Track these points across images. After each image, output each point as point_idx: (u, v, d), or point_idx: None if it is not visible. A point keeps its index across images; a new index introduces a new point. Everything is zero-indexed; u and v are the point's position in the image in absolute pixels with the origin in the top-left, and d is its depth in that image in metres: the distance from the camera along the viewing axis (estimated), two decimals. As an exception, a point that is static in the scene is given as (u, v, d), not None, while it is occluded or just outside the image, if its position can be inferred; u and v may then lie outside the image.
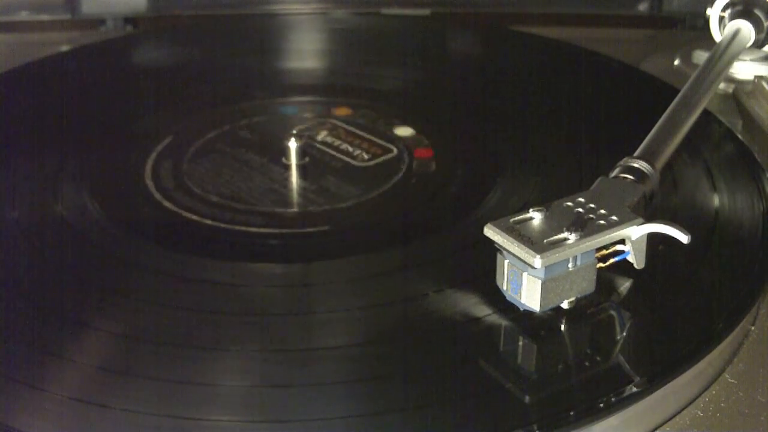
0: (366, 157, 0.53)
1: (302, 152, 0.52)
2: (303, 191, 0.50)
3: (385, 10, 0.74)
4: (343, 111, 0.58)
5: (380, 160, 0.52)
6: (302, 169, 0.51)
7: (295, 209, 0.49)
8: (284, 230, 0.47)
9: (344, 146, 0.54)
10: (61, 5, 0.73)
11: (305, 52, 0.68)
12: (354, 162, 0.52)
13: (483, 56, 0.68)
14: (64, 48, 0.69)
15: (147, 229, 0.47)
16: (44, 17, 0.73)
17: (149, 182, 0.50)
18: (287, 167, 0.52)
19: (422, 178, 0.51)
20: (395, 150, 0.53)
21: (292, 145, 0.52)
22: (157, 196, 0.49)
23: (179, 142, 0.54)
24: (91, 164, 0.52)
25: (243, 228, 0.47)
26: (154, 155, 0.53)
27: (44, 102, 0.59)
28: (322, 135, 0.55)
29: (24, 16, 0.73)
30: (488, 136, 0.55)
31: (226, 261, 0.44)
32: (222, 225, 0.47)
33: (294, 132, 0.52)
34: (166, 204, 0.49)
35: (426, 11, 0.74)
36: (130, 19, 0.75)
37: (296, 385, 0.36)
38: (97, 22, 0.75)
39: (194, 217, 0.47)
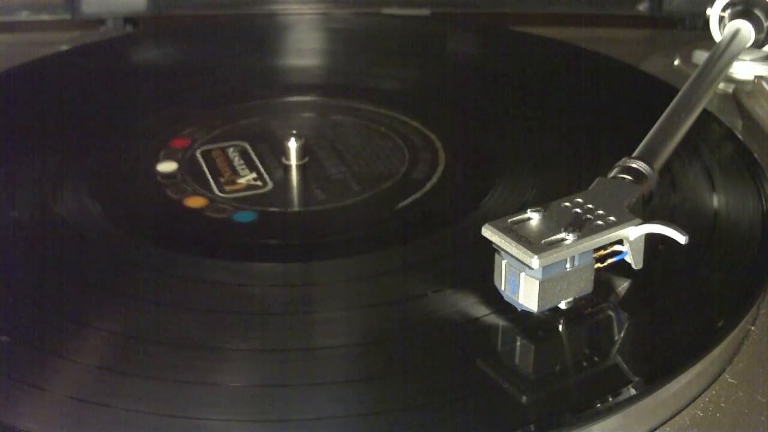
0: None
1: (302, 152, 0.52)
2: (303, 191, 0.50)
3: (385, 10, 0.74)
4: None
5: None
6: (302, 169, 0.51)
7: (295, 209, 0.49)
8: (284, 230, 0.47)
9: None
10: (61, 5, 0.73)
11: (305, 52, 0.68)
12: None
13: (483, 56, 0.68)
14: (64, 48, 0.69)
15: (147, 229, 0.47)
16: (44, 17, 0.73)
17: (149, 182, 0.51)
18: (287, 167, 0.52)
19: (422, 178, 0.51)
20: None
21: (292, 145, 0.52)
22: (157, 196, 0.49)
23: (179, 141, 0.54)
24: (91, 164, 0.52)
25: (243, 228, 0.47)
26: (153, 155, 0.53)
27: (44, 102, 0.59)
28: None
29: (24, 16, 0.73)
30: (488, 136, 0.55)
31: (226, 261, 0.44)
32: (222, 225, 0.47)
33: (294, 132, 0.52)
34: (166, 204, 0.49)
35: (426, 11, 0.74)
36: (130, 19, 0.75)
37: (296, 385, 0.36)
38: (97, 22, 0.75)
39: (194, 217, 0.48)
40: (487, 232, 0.37)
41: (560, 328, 0.38)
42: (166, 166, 0.52)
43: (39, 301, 0.41)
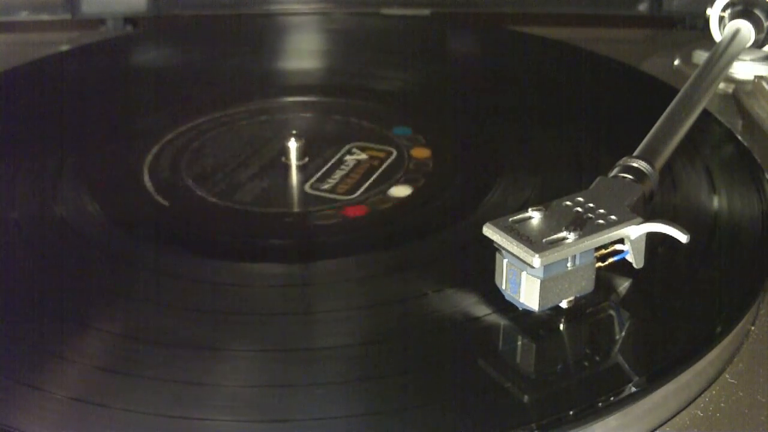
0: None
1: (302, 152, 0.52)
2: (303, 191, 0.50)
3: (385, 10, 0.74)
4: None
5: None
6: (302, 169, 0.51)
7: (295, 209, 0.49)
8: (284, 230, 0.47)
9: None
10: (61, 5, 0.73)
11: (305, 52, 0.68)
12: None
13: (483, 56, 0.68)
14: (64, 48, 0.69)
15: (147, 229, 0.47)
16: (44, 17, 0.73)
17: (149, 182, 0.51)
18: (287, 167, 0.52)
19: (422, 177, 0.51)
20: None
21: (292, 145, 0.52)
22: (157, 196, 0.49)
23: (179, 141, 0.54)
24: (91, 164, 0.52)
25: (243, 228, 0.47)
26: (153, 155, 0.53)
27: (44, 102, 0.59)
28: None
29: (24, 16, 0.73)
30: (488, 136, 0.55)
31: (226, 261, 0.44)
32: (222, 225, 0.47)
33: (294, 132, 0.52)
34: (166, 204, 0.49)
35: (426, 11, 0.74)
36: (130, 19, 0.75)
37: (296, 385, 0.36)
38: (97, 22, 0.75)
39: (194, 217, 0.48)
40: (488, 231, 0.37)
41: (561, 327, 0.38)
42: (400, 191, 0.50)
43: (39, 301, 0.41)
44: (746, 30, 0.58)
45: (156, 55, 0.68)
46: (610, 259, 0.39)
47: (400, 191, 0.49)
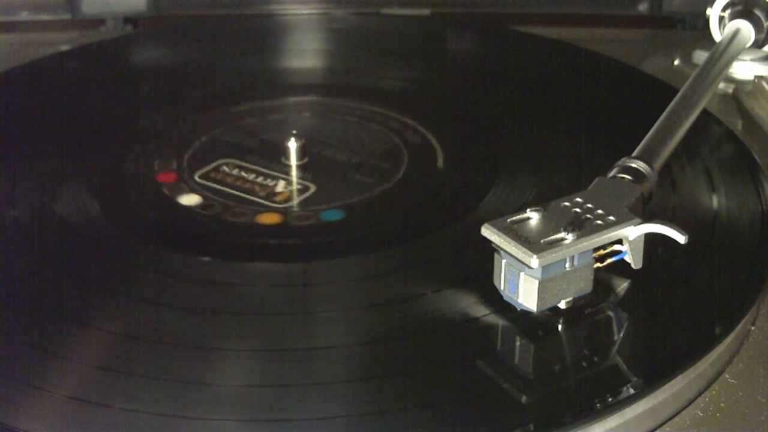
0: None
1: (302, 152, 0.52)
2: (303, 191, 0.50)
3: (385, 10, 0.74)
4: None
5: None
6: (302, 169, 0.51)
7: (295, 209, 0.49)
8: (284, 230, 0.47)
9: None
10: (61, 5, 0.73)
11: (305, 52, 0.68)
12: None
13: (483, 56, 0.68)
14: (64, 48, 0.69)
15: (147, 229, 0.47)
16: (44, 17, 0.73)
17: (149, 182, 0.51)
18: (287, 167, 0.52)
19: (422, 178, 0.51)
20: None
21: (292, 145, 0.52)
22: (157, 196, 0.49)
23: (179, 141, 0.54)
24: (90, 164, 0.52)
25: (243, 227, 0.47)
26: (153, 155, 0.53)
27: (44, 102, 0.59)
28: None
29: (24, 16, 0.73)
30: (488, 136, 0.55)
31: (226, 261, 0.44)
32: (222, 225, 0.47)
33: (294, 132, 0.52)
34: (166, 204, 0.49)
35: (426, 11, 0.74)
36: (130, 19, 0.75)
37: (296, 385, 0.36)
38: (97, 22, 0.75)
39: (194, 217, 0.48)
40: (487, 231, 0.37)
41: (560, 327, 0.38)
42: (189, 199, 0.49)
43: (39, 301, 0.41)
44: (746, 30, 0.58)
45: (156, 55, 0.68)
46: (609, 260, 0.39)
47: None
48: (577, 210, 0.39)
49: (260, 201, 0.49)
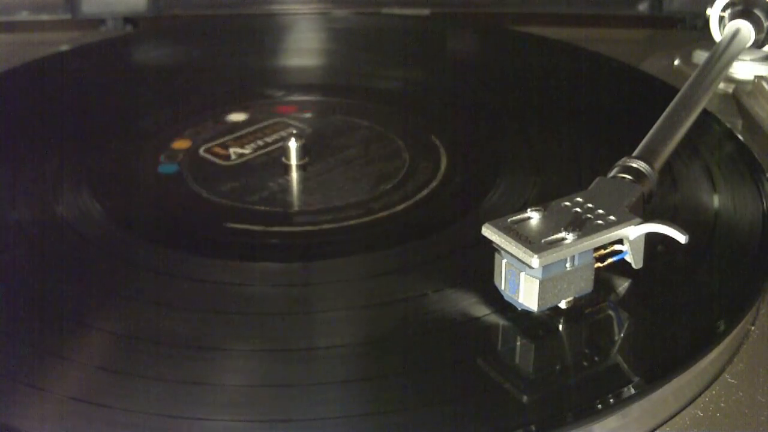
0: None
1: (302, 152, 0.52)
2: (303, 191, 0.50)
3: (385, 10, 0.74)
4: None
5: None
6: (302, 169, 0.51)
7: (295, 209, 0.49)
8: (284, 230, 0.47)
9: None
10: (61, 5, 0.73)
11: (305, 52, 0.68)
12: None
13: (483, 56, 0.68)
14: (64, 48, 0.69)
15: (147, 229, 0.47)
16: (44, 17, 0.73)
17: (149, 182, 0.51)
18: (287, 167, 0.52)
19: (422, 178, 0.51)
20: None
21: (292, 145, 0.52)
22: (157, 196, 0.49)
23: (179, 141, 0.54)
24: (91, 164, 0.52)
25: (243, 227, 0.47)
26: (153, 155, 0.53)
27: (44, 102, 0.59)
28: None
29: (24, 16, 0.73)
30: (488, 136, 0.55)
31: (226, 261, 0.44)
32: (222, 225, 0.47)
33: (294, 132, 0.52)
34: (166, 204, 0.49)
35: (426, 11, 0.74)
36: (130, 19, 0.75)
37: (296, 385, 0.36)
38: (97, 22, 0.75)
39: (194, 217, 0.48)
40: (487, 231, 0.37)
41: (560, 327, 0.38)
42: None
43: (39, 301, 0.41)
44: (746, 30, 0.58)
45: (156, 55, 0.68)
46: (609, 260, 0.39)
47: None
48: (578, 210, 0.39)
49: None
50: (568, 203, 0.39)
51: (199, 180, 0.51)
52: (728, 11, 0.60)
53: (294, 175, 0.51)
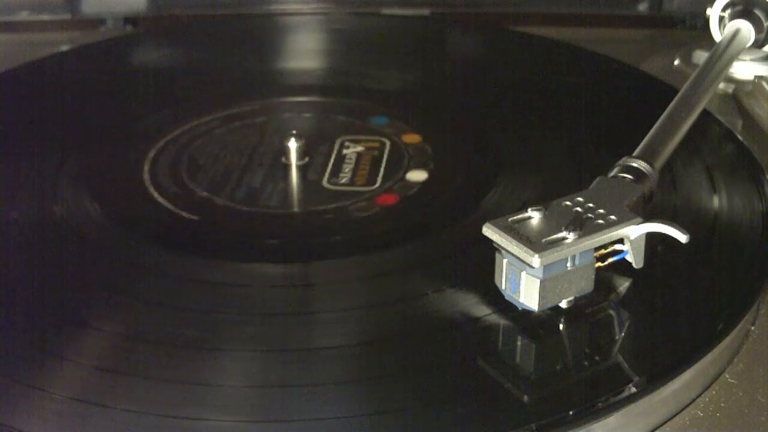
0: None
1: (302, 152, 0.52)
2: (303, 191, 0.50)
3: (385, 10, 0.74)
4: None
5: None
6: (302, 169, 0.51)
7: (295, 209, 0.49)
8: (284, 230, 0.47)
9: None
10: (61, 5, 0.73)
11: (305, 52, 0.68)
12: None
13: (483, 56, 0.68)
14: (64, 48, 0.69)
15: (147, 229, 0.47)
16: (44, 17, 0.73)
17: (149, 182, 0.51)
18: (287, 167, 0.52)
19: (422, 177, 0.51)
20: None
21: (292, 145, 0.52)
22: (157, 196, 0.49)
23: (179, 142, 0.54)
24: (90, 164, 0.52)
25: (243, 228, 0.47)
26: (153, 155, 0.53)
27: (44, 102, 0.59)
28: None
29: (24, 16, 0.73)
30: (488, 136, 0.55)
31: (225, 261, 0.44)
32: (222, 225, 0.47)
33: (294, 132, 0.52)
34: (166, 204, 0.49)
35: (426, 11, 0.74)
36: (130, 19, 0.75)
37: (296, 385, 0.36)
38: (97, 22, 0.75)
39: (194, 217, 0.48)
40: (488, 231, 0.37)
41: (561, 327, 0.38)
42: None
43: (39, 301, 0.41)
44: (746, 30, 0.58)
45: (156, 55, 0.68)
46: (610, 259, 0.39)
47: (417, 175, 0.50)
48: (578, 209, 0.39)
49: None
50: (568, 203, 0.39)
51: (199, 180, 0.50)
52: (728, 11, 0.60)
53: (294, 175, 0.51)
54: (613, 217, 0.38)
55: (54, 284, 0.42)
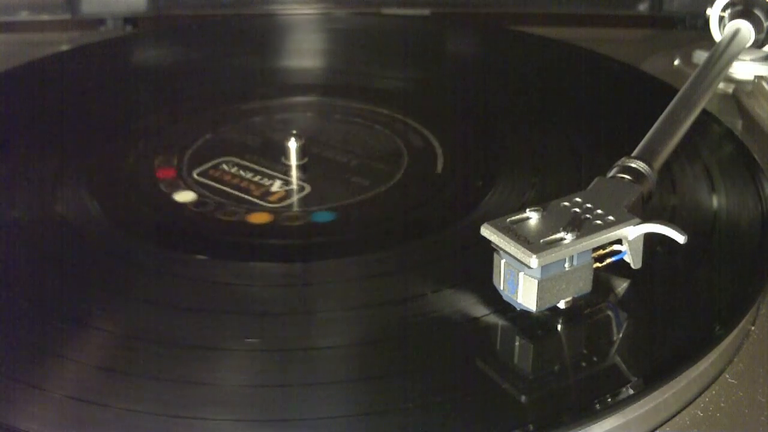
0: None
1: (302, 152, 0.52)
2: (303, 191, 0.50)
3: (385, 10, 0.74)
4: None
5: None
6: (302, 169, 0.51)
7: (295, 209, 0.49)
8: (284, 230, 0.47)
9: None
10: (61, 5, 0.73)
11: (305, 52, 0.68)
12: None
13: (483, 56, 0.68)
14: (64, 48, 0.69)
15: (147, 229, 0.47)
16: (44, 17, 0.73)
17: (149, 182, 0.51)
18: (287, 167, 0.52)
19: (422, 178, 0.51)
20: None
21: (292, 145, 0.52)
22: (157, 196, 0.49)
23: (179, 142, 0.54)
24: (91, 164, 0.52)
25: (243, 228, 0.47)
26: (153, 155, 0.53)
27: (44, 102, 0.59)
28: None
29: (24, 16, 0.73)
30: (488, 136, 0.55)
31: (226, 261, 0.44)
32: (222, 225, 0.47)
33: (294, 132, 0.52)
34: (166, 204, 0.49)
35: (426, 11, 0.74)
36: (130, 19, 0.75)
37: (296, 385, 0.36)
38: (97, 22, 0.75)
39: (194, 217, 0.48)
40: (486, 231, 0.37)
41: (559, 327, 0.38)
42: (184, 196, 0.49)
43: (39, 301, 0.41)
44: (746, 30, 0.58)
45: (156, 55, 0.68)
46: (608, 260, 0.39)
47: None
48: (577, 210, 0.39)
49: (255, 200, 0.49)
50: (567, 203, 0.39)
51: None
52: (728, 11, 0.60)
53: (294, 174, 0.51)
54: (611, 217, 0.38)
55: (54, 284, 0.42)
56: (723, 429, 0.35)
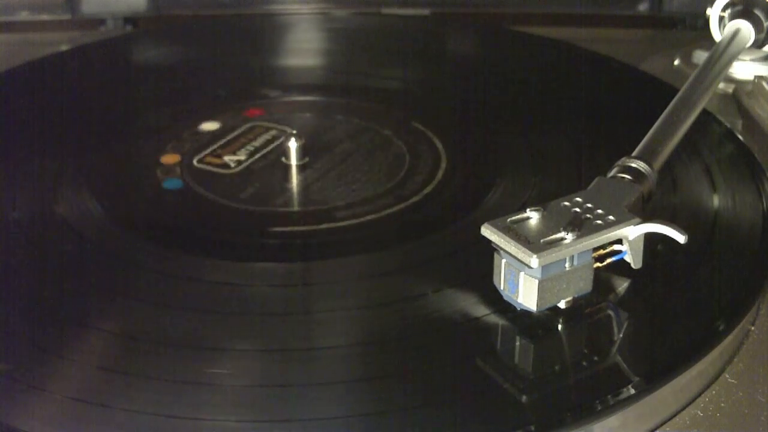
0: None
1: (302, 152, 0.52)
2: (303, 191, 0.50)
3: (385, 10, 0.74)
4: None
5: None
6: (302, 169, 0.51)
7: (295, 209, 0.49)
8: (284, 230, 0.47)
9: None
10: (61, 5, 0.73)
11: (305, 52, 0.68)
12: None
13: (483, 56, 0.68)
14: (64, 48, 0.69)
15: (147, 229, 0.47)
16: (44, 17, 0.73)
17: (149, 182, 0.51)
18: (287, 167, 0.52)
19: (422, 177, 0.51)
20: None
21: (292, 145, 0.52)
22: (157, 196, 0.49)
23: (179, 141, 0.54)
24: (91, 164, 0.52)
25: (243, 228, 0.47)
26: (153, 155, 0.53)
27: (44, 102, 0.59)
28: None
29: (24, 16, 0.73)
30: (488, 136, 0.55)
31: (226, 261, 0.44)
32: (222, 225, 0.47)
33: (294, 132, 0.52)
34: (166, 204, 0.49)
35: (426, 11, 0.74)
36: (130, 19, 0.75)
37: (296, 385, 0.36)
38: (97, 22, 0.75)
39: (194, 217, 0.48)
40: (487, 231, 0.37)
41: (560, 327, 0.38)
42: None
43: (39, 301, 0.41)
44: (746, 30, 0.58)
45: (156, 55, 0.68)
46: (609, 260, 0.39)
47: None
48: (577, 210, 0.39)
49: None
50: (567, 203, 0.39)
51: (199, 180, 0.51)
52: (728, 11, 0.60)
53: (294, 175, 0.51)
54: (611, 217, 0.38)
55: (54, 284, 0.42)
56: (723, 429, 0.35)
